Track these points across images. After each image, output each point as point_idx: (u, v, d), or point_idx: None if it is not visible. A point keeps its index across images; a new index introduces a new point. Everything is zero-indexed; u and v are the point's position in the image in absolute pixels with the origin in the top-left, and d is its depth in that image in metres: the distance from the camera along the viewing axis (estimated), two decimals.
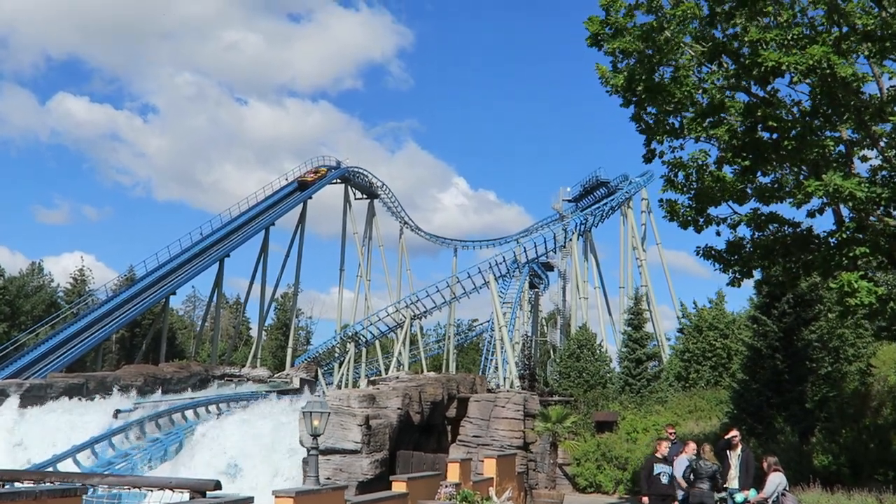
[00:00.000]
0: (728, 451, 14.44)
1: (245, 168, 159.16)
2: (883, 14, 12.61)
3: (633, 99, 14.93)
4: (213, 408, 33.58)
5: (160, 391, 39.34)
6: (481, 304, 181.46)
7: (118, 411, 32.02)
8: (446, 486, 17.30)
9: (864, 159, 14.56)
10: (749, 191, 15.23)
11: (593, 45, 14.72)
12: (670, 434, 17.45)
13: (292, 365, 56.25)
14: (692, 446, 14.16)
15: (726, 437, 14.75)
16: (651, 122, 15.12)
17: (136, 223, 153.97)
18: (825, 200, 14.07)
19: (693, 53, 13.98)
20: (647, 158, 15.79)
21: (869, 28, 12.32)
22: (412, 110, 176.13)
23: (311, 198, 59.36)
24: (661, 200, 16.02)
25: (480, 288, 51.88)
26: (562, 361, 39.78)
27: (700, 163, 15.04)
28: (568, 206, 66.17)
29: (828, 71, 12.19)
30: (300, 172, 60.13)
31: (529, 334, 57.56)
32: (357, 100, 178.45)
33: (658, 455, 13.81)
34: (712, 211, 15.87)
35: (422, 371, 53.42)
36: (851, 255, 13.60)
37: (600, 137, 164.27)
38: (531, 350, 47.98)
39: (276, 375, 49.67)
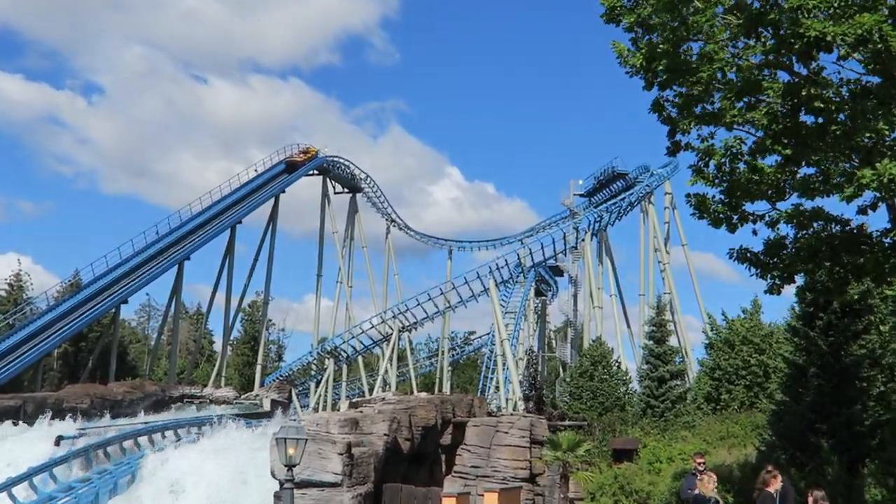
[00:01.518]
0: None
1: (205, 157, 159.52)
2: None
3: (656, 80, 14.81)
4: (170, 434, 33.42)
5: (109, 415, 39.32)
6: (480, 315, 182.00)
7: (60, 438, 31.83)
8: None
9: None
10: (790, 184, 15.14)
11: (610, 20, 14.61)
12: (699, 464, 17.40)
13: (262, 384, 56.28)
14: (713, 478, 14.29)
15: (762, 473, 14.77)
16: (674, 112, 15.00)
17: (81, 220, 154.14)
18: (879, 194, 13.98)
19: (726, 25, 13.89)
20: (672, 152, 15.67)
21: None
22: (397, 89, 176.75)
23: (283, 191, 59.35)
24: (688, 195, 15.90)
25: (479, 295, 51.93)
26: (573, 380, 39.79)
27: (734, 151, 14.94)
28: (580, 201, 66.30)
29: (880, 44, 12.11)
30: (272, 162, 60.07)
31: (535, 349, 57.55)
32: (334, 77, 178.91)
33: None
34: (748, 207, 15.76)
35: (411, 391, 53.42)
36: None
37: (616, 122, 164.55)
38: (537, 367, 47.91)
39: (243, 396, 49.69)
